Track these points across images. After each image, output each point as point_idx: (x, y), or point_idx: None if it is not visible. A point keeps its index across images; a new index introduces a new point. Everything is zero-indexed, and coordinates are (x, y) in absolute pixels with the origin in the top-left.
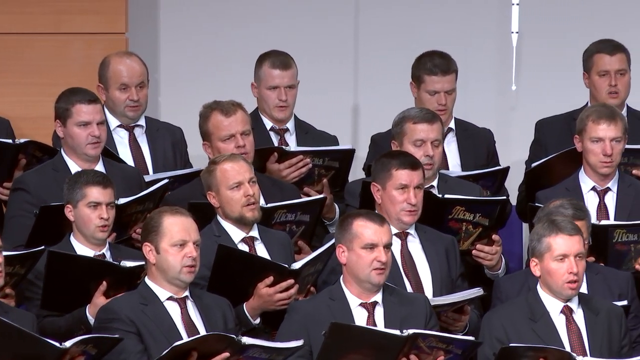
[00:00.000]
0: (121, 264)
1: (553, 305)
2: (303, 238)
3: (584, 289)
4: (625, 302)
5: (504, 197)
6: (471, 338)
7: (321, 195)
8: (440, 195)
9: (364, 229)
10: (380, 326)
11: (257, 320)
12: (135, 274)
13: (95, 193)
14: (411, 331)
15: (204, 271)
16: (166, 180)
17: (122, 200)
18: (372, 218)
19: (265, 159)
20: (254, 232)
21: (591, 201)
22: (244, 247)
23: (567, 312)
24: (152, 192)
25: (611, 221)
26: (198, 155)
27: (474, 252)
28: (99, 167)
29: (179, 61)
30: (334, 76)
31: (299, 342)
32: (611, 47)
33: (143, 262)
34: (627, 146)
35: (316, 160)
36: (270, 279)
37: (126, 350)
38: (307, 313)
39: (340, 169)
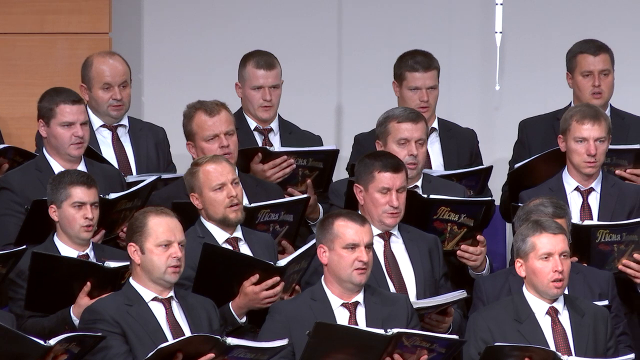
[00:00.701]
0: (105, 264)
1: (538, 307)
2: (286, 238)
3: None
4: (606, 302)
5: (490, 198)
6: (455, 337)
7: (305, 195)
8: (425, 196)
9: (345, 229)
10: (362, 326)
11: (244, 319)
12: (119, 275)
13: (80, 193)
14: (395, 330)
15: (188, 272)
16: (155, 177)
17: (112, 196)
18: (353, 218)
19: (249, 159)
20: (238, 233)
21: (575, 201)
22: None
23: (553, 313)
24: (141, 189)
25: (594, 221)
26: (180, 155)
27: (458, 252)
28: (81, 167)
29: (162, 61)
30: (318, 76)
31: (284, 341)
32: (595, 47)
33: (127, 263)
34: (611, 146)
35: (300, 161)
36: (256, 276)
37: (111, 351)
38: (289, 313)
39: (324, 170)
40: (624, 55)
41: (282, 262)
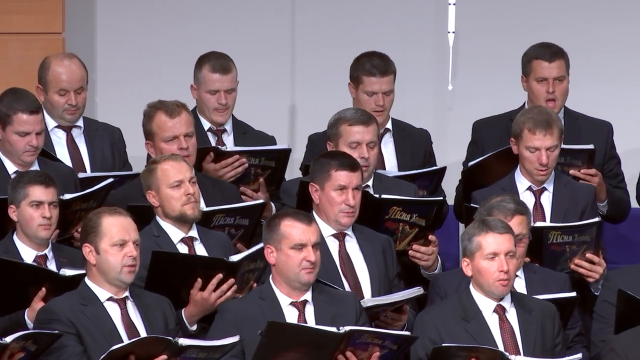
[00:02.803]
0: (61, 272)
1: (486, 305)
2: (242, 241)
3: (522, 288)
4: (574, 293)
5: (441, 198)
6: (406, 333)
7: (260, 201)
8: (377, 196)
9: (292, 229)
10: (312, 325)
11: (194, 327)
12: (75, 283)
13: (37, 192)
14: (348, 328)
15: (142, 272)
16: (111, 179)
17: (67, 196)
18: (300, 218)
19: (201, 158)
20: (193, 232)
21: (527, 201)
22: (183, 247)
23: (500, 311)
24: (97, 190)
25: (546, 223)
26: (136, 157)
27: (410, 252)
28: (34, 166)
29: (115, 61)
30: (271, 76)
31: (235, 339)
32: (550, 53)
33: (83, 271)
34: (565, 146)
35: (252, 160)
36: (199, 281)
37: (65, 352)
38: (238, 312)
39: (276, 168)
40: (577, 56)
41: (235, 258)
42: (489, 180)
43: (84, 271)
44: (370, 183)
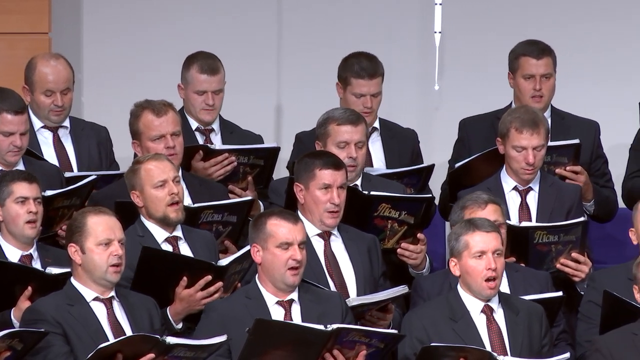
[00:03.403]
0: (47, 270)
1: (473, 305)
2: (230, 238)
3: (505, 287)
4: (560, 293)
5: (430, 195)
6: (393, 331)
7: (249, 197)
8: (366, 192)
9: (278, 227)
10: (301, 323)
11: (180, 325)
12: (61, 281)
13: (22, 189)
14: (335, 326)
15: (127, 272)
16: (94, 176)
17: (48, 192)
18: (286, 217)
19: (190, 157)
20: (178, 232)
21: (513, 201)
22: (167, 247)
23: (488, 311)
24: (79, 187)
25: (531, 223)
26: (124, 157)
27: (398, 250)
28: (20, 166)
29: (102, 61)
30: (258, 76)
31: (222, 338)
32: (538, 50)
33: (69, 269)
34: (550, 143)
35: (241, 159)
36: (185, 280)
37: (52, 352)
38: (224, 312)
39: (264, 167)
40: (564, 55)
41: (223, 262)
42: (475, 181)
43: (69, 269)
44: (358, 182)
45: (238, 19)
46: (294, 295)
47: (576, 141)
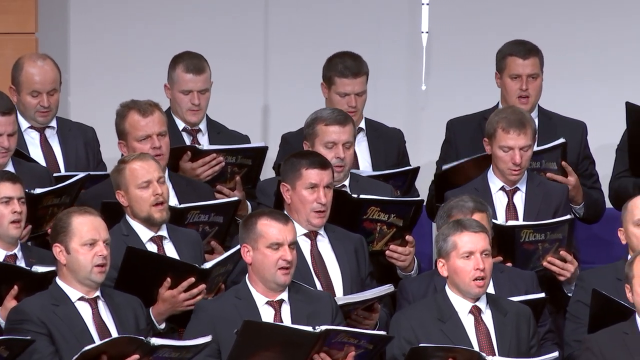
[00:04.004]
0: (32, 269)
1: (461, 306)
2: (216, 238)
3: (490, 288)
4: (542, 295)
5: (420, 198)
6: (382, 332)
7: (235, 198)
8: (355, 196)
9: (269, 228)
10: (288, 324)
11: (163, 325)
12: (47, 280)
13: (5, 189)
14: (323, 327)
15: (111, 272)
16: (82, 175)
17: (38, 190)
18: (276, 217)
19: (178, 157)
20: (163, 232)
21: (500, 201)
22: (152, 247)
23: (476, 312)
24: (69, 185)
25: (517, 222)
26: (111, 158)
27: (387, 252)
28: (9, 167)
29: (88, 61)
30: (244, 76)
31: (207, 339)
32: (525, 50)
33: (54, 268)
34: (537, 148)
35: (229, 159)
36: (169, 281)
37: (37, 352)
38: (214, 312)
39: (252, 167)
40: (551, 56)
41: (207, 265)
42: (462, 182)
43: (54, 267)
44: (346, 183)
45: (225, 19)
46: (284, 296)
47: (561, 141)
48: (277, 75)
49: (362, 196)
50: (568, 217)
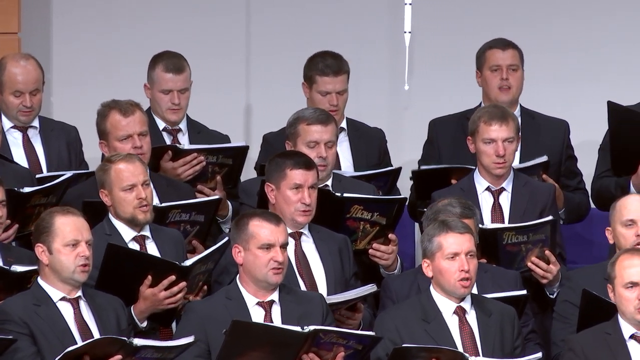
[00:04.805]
0: (12, 268)
1: (446, 306)
2: (197, 238)
3: (473, 288)
4: (524, 292)
5: (403, 196)
6: (371, 333)
7: (216, 197)
8: (339, 194)
9: (260, 229)
10: (278, 324)
11: (145, 324)
12: (26, 279)
13: None
14: (312, 327)
15: (94, 272)
16: (70, 174)
17: (26, 189)
18: (268, 218)
19: (159, 157)
20: (145, 232)
21: (486, 201)
22: (134, 246)
23: (460, 312)
24: (57, 185)
25: (499, 224)
26: (94, 158)
27: (370, 251)
28: None
29: (71, 61)
30: (226, 76)
31: (190, 339)
32: (503, 43)
33: (34, 267)
34: (519, 165)
35: (210, 158)
36: (149, 279)
37: (19, 352)
38: (204, 313)
39: (233, 166)
40: (534, 55)
41: (187, 262)
42: (441, 185)
43: (35, 267)
44: (329, 183)
45: (207, 19)
46: (275, 296)
47: (544, 159)
48: (259, 75)
49: (345, 194)
50: (549, 218)
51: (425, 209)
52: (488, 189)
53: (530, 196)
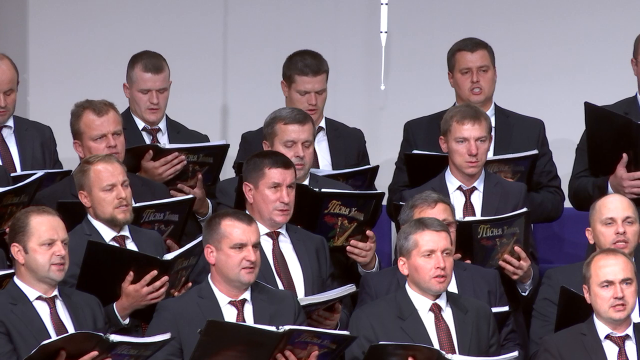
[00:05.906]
0: None
1: (422, 303)
2: (172, 237)
3: (453, 287)
4: (506, 308)
5: (381, 191)
6: (345, 332)
7: (190, 196)
8: (317, 189)
9: (232, 228)
10: (250, 323)
11: (127, 321)
12: None
13: None
14: (287, 327)
15: (74, 269)
16: (41, 173)
17: None
18: (240, 217)
19: (140, 157)
20: (125, 232)
21: (457, 200)
22: None
23: (436, 310)
24: (28, 184)
25: (474, 217)
26: (69, 158)
27: (348, 248)
28: None
29: (47, 61)
30: (203, 75)
31: (166, 336)
32: (472, 44)
33: (10, 271)
34: (509, 155)
35: (191, 157)
36: (131, 274)
37: None
38: (176, 311)
39: (213, 164)
40: (508, 55)
41: (169, 256)
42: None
43: (10, 271)
44: (306, 182)
45: (184, 19)
46: (247, 295)
47: (534, 152)
48: (237, 74)
49: (323, 190)
50: (524, 210)
51: (401, 203)
52: (460, 188)
53: (502, 195)
